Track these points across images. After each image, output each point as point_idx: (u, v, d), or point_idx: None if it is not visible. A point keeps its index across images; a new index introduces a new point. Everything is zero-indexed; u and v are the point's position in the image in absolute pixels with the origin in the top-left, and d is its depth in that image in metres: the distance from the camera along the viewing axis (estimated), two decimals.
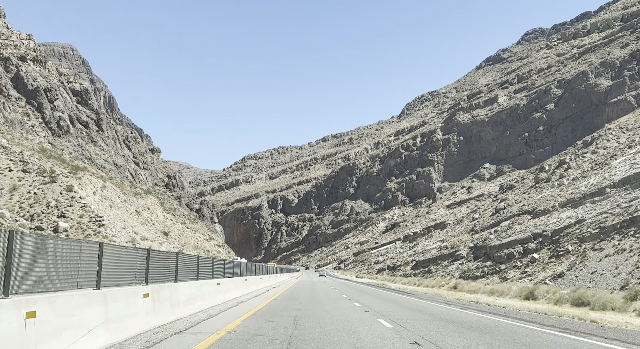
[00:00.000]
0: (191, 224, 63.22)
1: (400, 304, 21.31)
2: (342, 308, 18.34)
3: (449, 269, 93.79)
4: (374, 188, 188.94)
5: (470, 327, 13.25)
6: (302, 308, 17.78)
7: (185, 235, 52.20)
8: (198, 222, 72.78)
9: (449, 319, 15.35)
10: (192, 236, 54.51)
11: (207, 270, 18.85)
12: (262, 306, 18.86)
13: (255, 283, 26.45)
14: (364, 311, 17.25)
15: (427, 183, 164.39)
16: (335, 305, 19.62)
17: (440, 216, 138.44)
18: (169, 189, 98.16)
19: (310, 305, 19.41)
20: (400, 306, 19.99)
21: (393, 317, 15.21)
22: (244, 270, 26.10)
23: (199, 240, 55.13)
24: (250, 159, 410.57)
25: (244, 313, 15.46)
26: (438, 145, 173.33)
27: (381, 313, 16.54)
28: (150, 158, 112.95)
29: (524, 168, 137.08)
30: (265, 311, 16.44)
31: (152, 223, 43.65)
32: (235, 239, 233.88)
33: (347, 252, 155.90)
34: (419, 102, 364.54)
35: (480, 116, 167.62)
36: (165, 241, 40.18)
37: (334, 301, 22.30)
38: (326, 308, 17.91)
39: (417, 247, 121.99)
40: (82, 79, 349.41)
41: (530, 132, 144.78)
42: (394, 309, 18.21)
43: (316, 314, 15.43)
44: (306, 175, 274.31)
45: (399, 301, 24.12)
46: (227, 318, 13.76)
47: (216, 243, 60.96)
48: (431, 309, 19.34)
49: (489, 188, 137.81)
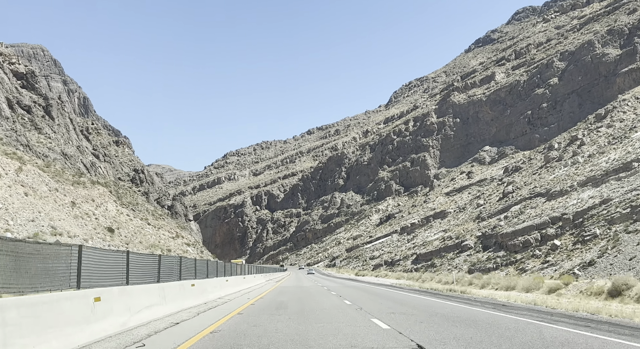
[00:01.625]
0: (155, 220, 54.78)
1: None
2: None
3: (456, 261, 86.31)
4: (365, 178, 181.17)
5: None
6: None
7: (143, 232, 43.83)
8: (166, 219, 64.33)
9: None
10: (153, 233, 46.19)
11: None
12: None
13: (184, 293, 17.91)
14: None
15: (422, 170, 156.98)
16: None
17: (440, 205, 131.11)
18: (135, 184, 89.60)
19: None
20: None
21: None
22: (170, 274, 17.71)
23: (162, 237, 46.78)
24: (232, 156, 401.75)
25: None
26: (432, 128, 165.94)
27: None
28: (115, 151, 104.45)
29: (528, 148, 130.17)
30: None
31: (93, 217, 35.34)
32: (218, 239, 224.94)
33: (340, 248, 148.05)
34: (406, 89, 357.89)
35: (477, 95, 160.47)
36: (107, 238, 31.93)
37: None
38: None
39: (417, 239, 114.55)
40: (55, 80, 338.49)
41: (533, 109, 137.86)
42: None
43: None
44: (292, 169, 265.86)
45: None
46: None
47: (185, 241, 52.63)
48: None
49: (491, 172, 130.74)
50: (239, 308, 17.03)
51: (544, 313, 15.23)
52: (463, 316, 14.02)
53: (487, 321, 12.71)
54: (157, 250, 37.52)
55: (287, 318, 13.31)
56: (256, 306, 18.19)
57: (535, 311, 16.15)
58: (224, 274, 29.84)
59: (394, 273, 68.97)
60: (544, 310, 16.46)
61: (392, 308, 16.16)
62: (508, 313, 15.05)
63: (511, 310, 16.27)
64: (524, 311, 16.04)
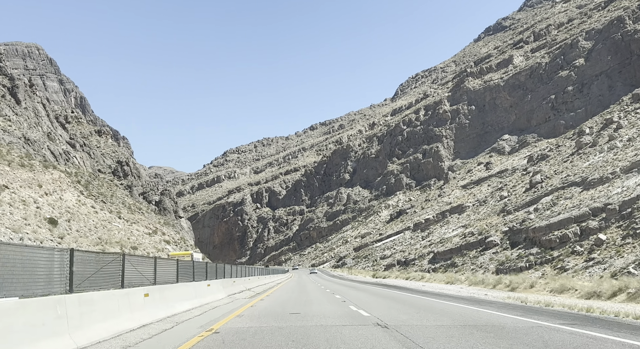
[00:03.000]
0: (130, 214, 47.18)
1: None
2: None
3: (480, 260, 78.32)
4: (373, 172, 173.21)
5: None
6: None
7: (108, 226, 36.23)
8: (146, 214, 56.74)
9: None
10: (122, 228, 38.64)
11: None
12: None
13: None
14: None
15: (435, 162, 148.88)
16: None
17: (456, 199, 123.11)
18: (116, 176, 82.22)
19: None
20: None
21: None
22: (103, 278, 10.58)
23: (134, 234, 39.21)
24: (232, 153, 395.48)
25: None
26: (446, 117, 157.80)
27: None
28: (97, 142, 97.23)
29: (552, 136, 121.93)
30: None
31: (33, 205, 27.95)
32: (217, 240, 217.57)
33: (347, 247, 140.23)
34: (413, 81, 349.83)
35: (494, 80, 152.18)
36: (42, 230, 24.60)
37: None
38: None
39: (432, 236, 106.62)
40: (50, 79, 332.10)
41: (557, 93, 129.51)
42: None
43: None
44: (294, 164, 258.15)
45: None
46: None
47: (166, 238, 45.02)
48: None
49: (512, 162, 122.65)
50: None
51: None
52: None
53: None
54: (115, 247, 30.01)
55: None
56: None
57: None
58: (205, 277, 22.57)
59: (436, 275, 52.59)
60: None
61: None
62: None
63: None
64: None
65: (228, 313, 16.40)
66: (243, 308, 17.91)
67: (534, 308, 17.32)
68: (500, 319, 13.51)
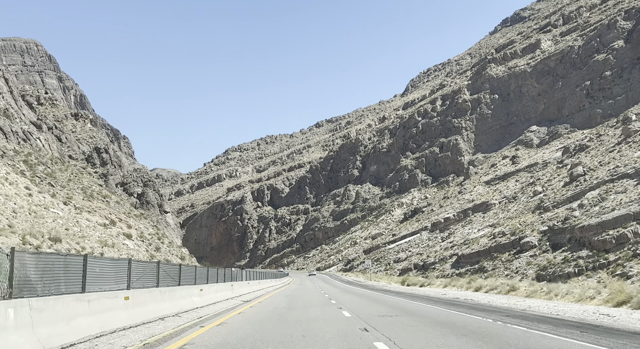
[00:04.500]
0: (87, 202, 38.49)
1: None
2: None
3: (515, 264, 68.99)
4: (384, 167, 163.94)
5: None
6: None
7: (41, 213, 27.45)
8: (111, 204, 47.88)
9: None
10: (64, 217, 29.95)
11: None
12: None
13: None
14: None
15: (454, 156, 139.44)
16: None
17: (479, 196, 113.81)
18: (90, 163, 73.58)
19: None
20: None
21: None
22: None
23: (82, 225, 30.49)
24: (234, 151, 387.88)
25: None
26: (465, 107, 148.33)
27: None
28: (72, 126, 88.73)
29: (588, 126, 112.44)
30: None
31: None
32: (214, 241, 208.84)
33: (356, 249, 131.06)
34: (425, 75, 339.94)
35: (520, 67, 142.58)
36: None
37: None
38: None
39: (454, 237, 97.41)
40: (49, 76, 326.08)
41: (593, 79, 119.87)
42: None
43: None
44: (298, 160, 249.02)
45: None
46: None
47: (126, 232, 36.16)
48: None
49: (543, 155, 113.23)
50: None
51: None
52: None
53: None
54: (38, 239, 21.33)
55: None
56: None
57: None
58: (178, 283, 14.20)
59: (487, 282, 36.03)
60: None
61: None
62: None
63: None
64: None
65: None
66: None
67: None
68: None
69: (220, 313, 18.52)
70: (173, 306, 17.15)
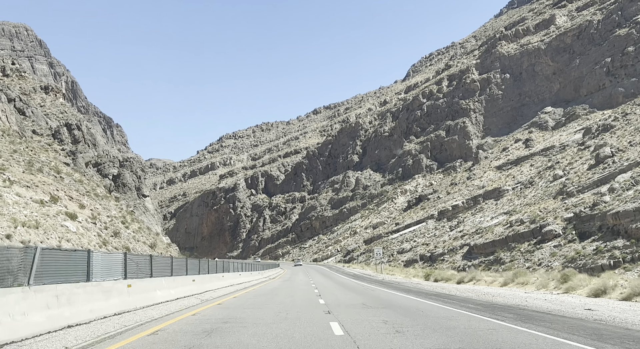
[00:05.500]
0: (29, 175, 31.89)
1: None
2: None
3: (537, 256, 62.66)
4: (386, 152, 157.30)
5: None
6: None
7: None
8: (65, 181, 41.29)
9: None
10: None
11: None
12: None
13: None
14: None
15: (462, 139, 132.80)
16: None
17: (490, 182, 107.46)
18: (58, 140, 66.87)
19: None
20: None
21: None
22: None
23: (7, 200, 23.79)
24: (228, 138, 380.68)
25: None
26: (474, 88, 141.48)
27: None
28: (41, 100, 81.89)
29: (609, 107, 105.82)
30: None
31: None
32: (205, 230, 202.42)
33: (356, 239, 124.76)
34: (427, 61, 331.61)
35: (533, 44, 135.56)
36: None
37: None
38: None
39: (464, 226, 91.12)
40: (39, 62, 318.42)
41: (614, 55, 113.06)
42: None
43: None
44: (295, 145, 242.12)
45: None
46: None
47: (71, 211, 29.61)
48: None
49: (560, 137, 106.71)
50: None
51: None
52: None
53: None
54: None
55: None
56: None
57: None
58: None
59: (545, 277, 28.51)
60: None
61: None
62: None
63: None
64: None
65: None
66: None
67: None
68: None
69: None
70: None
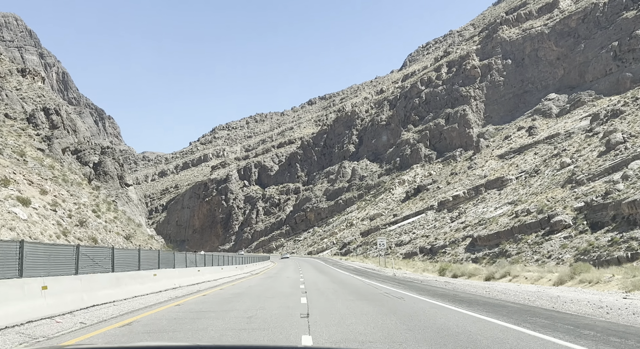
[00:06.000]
0: None
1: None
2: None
3: (546, 247, 59.47)
4: (383, 142, 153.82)
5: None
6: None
7: None
8: (31, 165, 37.70)
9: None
10: None
11: None
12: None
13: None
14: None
15: (462, 128, 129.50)
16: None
17: (492, 171, 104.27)
18: (33, 125, 63.10)
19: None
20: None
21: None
22: None
23: None
24: (221, 130, 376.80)
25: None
26: (474, 74, 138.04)
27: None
28: (17, 83, 77.99)
29: (616, 93, 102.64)
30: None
31: None
32: (197, 223, 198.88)
33: (352, 231, 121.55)
34: (424, 50, 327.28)
35: (536, 28, 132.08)
36: None
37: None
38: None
39: (466, 217, 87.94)
40: (29, 52, 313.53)
41: (621, 39, 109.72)
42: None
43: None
44: (289, 136, 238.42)
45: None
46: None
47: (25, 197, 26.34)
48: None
49: (565, 125, 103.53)
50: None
51: None
52: None
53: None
54: None
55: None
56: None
57: None
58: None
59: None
60: None
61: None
62: None
63: None
64: None
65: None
66: None
67: None
68: None
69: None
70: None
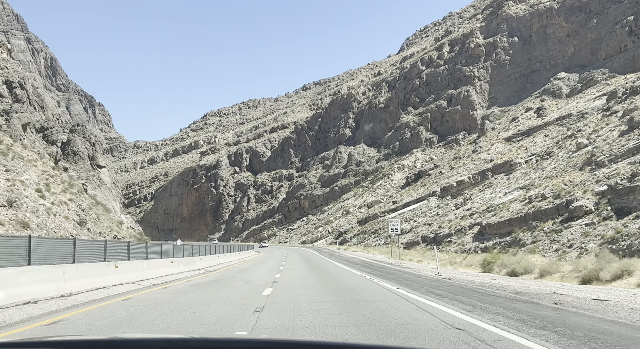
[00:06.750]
0: None
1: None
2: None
3: (565, 236, 54.14)
4: (381, 125, 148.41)
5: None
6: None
7: None
8: None
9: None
10: None
11: None
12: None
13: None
14: None
15: (465, 110, 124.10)
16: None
17: (499, 155, 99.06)
18: None
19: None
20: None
21: None
22: None
23: None
24: (213, 116, 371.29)
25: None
26: (479, 53, 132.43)
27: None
28: None
29: (631, 70, 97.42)
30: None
31: None
32: (185, 211, 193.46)
33: (349, 219, 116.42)
34: (422, 33, 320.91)
35: (545, 3, 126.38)
36: None
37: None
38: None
39: (472, 203, 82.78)
40: (16, 37, 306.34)
41: (637, 13, 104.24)
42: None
43: None
44: (282, 120, 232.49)
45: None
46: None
47: None
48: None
49: (577, 105, 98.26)
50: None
51: None
52: None
53: None
54: None
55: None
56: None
57: None
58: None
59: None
60: None
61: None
62: None
63: None
64: None
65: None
66: None
67: None
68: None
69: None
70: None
